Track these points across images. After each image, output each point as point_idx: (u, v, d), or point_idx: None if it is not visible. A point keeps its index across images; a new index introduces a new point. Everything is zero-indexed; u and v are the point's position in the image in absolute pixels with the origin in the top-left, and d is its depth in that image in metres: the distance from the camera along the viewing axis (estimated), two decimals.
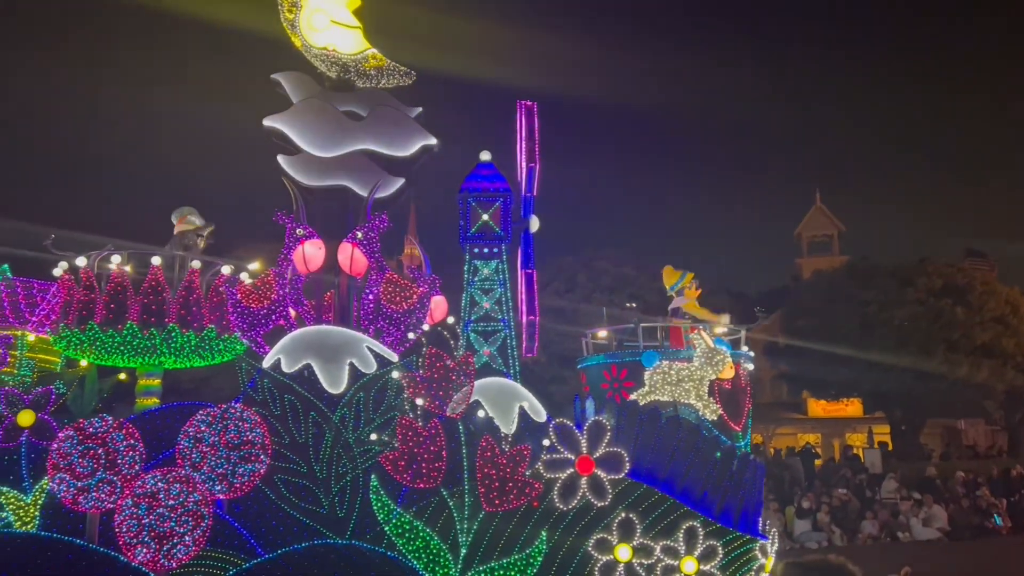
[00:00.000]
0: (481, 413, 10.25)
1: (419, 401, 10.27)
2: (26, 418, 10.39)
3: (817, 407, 41.34)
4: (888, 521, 20.18)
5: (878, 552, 18.41)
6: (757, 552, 10.31)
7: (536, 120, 12.54)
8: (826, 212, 62.94)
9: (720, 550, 10.04)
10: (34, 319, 11.94)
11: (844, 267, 35.85)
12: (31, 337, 11.95)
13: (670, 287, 12.93)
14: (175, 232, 12.59)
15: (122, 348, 11.17)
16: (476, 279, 12.31)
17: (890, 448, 32.84)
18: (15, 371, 11.76)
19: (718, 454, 10.30)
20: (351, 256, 11.41)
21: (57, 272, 11.72)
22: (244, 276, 12.17)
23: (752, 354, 12.84)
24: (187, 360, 11.89)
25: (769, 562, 10.42)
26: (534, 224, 12.86)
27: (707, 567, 9.96)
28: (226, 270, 12.00)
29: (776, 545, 10.81)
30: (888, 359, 28.32)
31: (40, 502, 10.18)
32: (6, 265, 12.51)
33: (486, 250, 12.39)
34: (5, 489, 10.17)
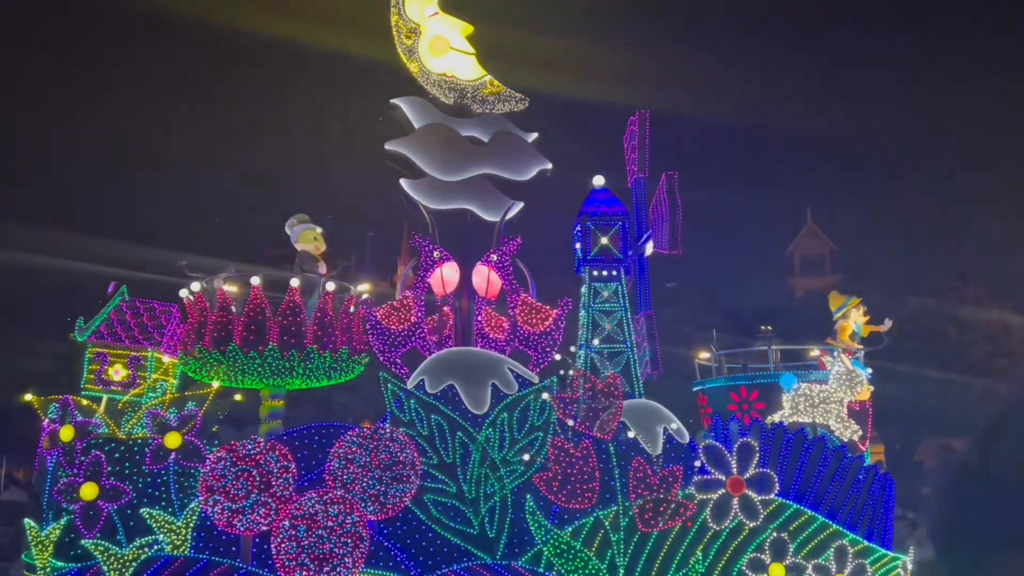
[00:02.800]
0: (631, 434, 10.40)
1: (569, 422, 10.42)
2: (173, 440, 10.39)
3: None
4: None
5: None
6: (900, 570, 10.53)
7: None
8: (818, 232, 63.73)
9: (868, 568, 10.25)
10: (165, 340, 11.93)
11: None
12: (164, 359, 11.92)
13: (835, 311, 13.15)
14: (298, 248, 12.43)
15: (260, 369, 11.18)
16: (596, 301, 12.50)
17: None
18: (144, 392, 11.71)
19: (860, 475, 10.53)
20: (488, 279, 11.56)
21: (184, 294, 11.73)
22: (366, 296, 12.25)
23: (872, 376, 13.10)
24: (314, 381, 11.91)
25: None
26: (648, 248, 13.10)
27: None
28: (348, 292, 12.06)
29: (912, 565, 11.03)
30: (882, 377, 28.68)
31: (191, 524, 10.15)
32: (124, 287, 12.49)
33: (605, 273, 12.60)
34: (156, 512, 10.12)
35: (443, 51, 13.02)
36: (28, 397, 11.27)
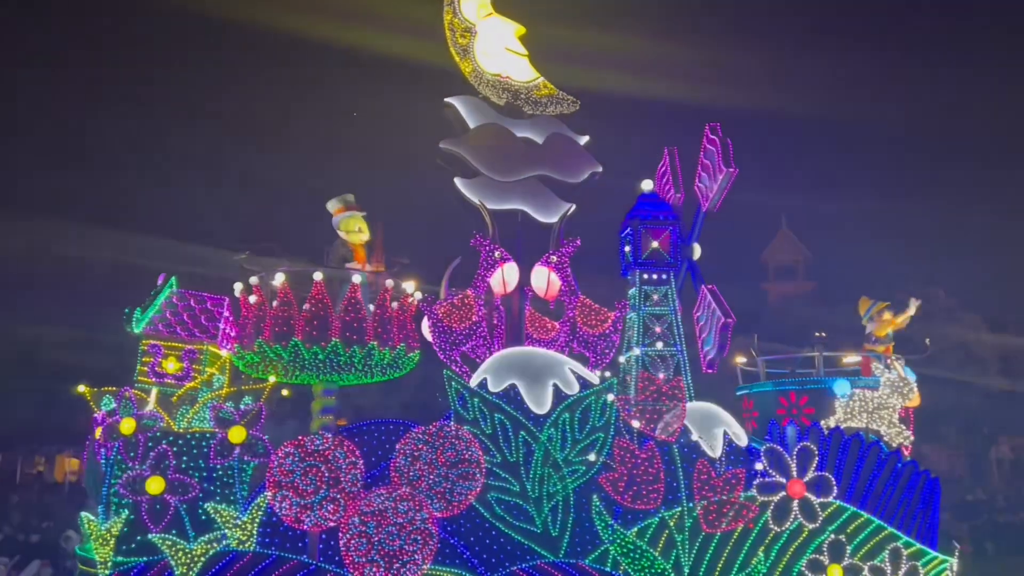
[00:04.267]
0: (695, 437, 10.57)
1: (634, 424, 10.57)
2: (238, 435, 10.34)
3: None
4: None
5: None
6: (948, 572, 10.85)
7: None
8: (792, 237, 64.28)
9: (921, 570, 10.55)
10: (223, 333, 11.81)
11: (811, 292, 36.74)
12: (221, 352, 11.81)
13: (863, 315, 13.40)
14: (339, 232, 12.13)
15: (322, 365, 11.14)
16: (647, 304, 12.63)
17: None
18: (199, 386, 11.59)
19: (913, 478, 10.82)
20: (548, 280, 11.65)
21: (239, 288, 11.63)
22: (417, 294, 12.25)
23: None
24: (369, 376, 11.89)
25: None
26: (696, 251, 13.28)
27: None
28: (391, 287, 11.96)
29: (958, 567, 11.36)
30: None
31: (257, 519, 10.11)
32: (174, 278, 12.31)
33: (655, 276, 12.74)
34: (222, 507, 10.07)
35: (498, 51, 13.09)
36: (81, 389, 11.13)
